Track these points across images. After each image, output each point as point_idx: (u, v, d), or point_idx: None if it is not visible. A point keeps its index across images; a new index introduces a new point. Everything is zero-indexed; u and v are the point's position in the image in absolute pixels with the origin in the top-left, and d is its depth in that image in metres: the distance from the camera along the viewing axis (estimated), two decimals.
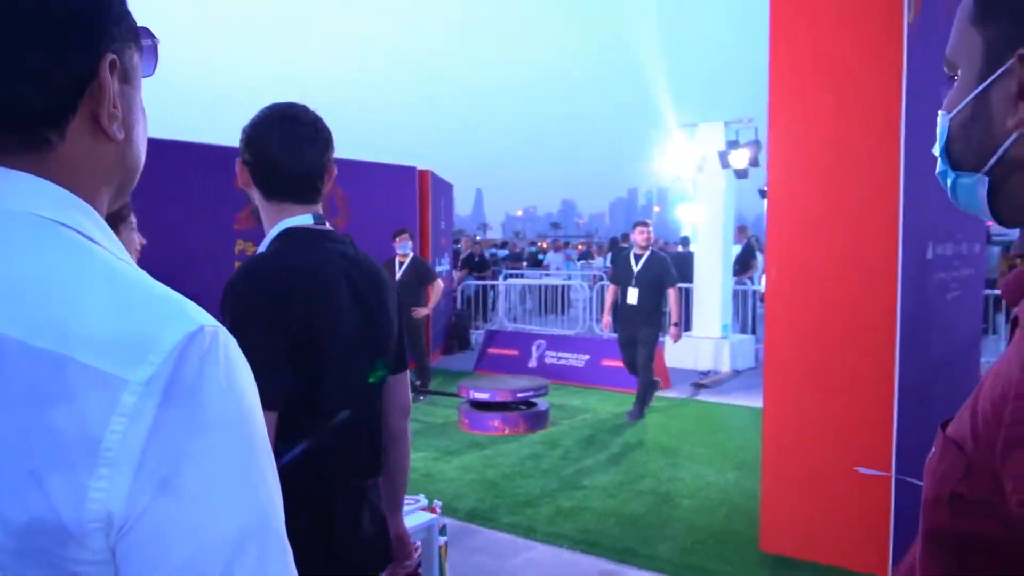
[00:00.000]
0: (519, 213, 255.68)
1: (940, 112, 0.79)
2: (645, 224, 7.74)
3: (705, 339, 10.38)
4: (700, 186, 10.84)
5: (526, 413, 7.18)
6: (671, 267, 7.55)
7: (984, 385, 0.67)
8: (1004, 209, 0.75)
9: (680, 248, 15.71)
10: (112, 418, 0.59)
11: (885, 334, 3.93)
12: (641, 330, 7.41)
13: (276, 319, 1.55)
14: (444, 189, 12.10)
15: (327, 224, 1.77)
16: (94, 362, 0.60)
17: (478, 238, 20.12)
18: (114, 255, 0.70)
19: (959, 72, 0.76)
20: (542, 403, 7.42)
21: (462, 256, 15.25)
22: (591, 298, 13.12)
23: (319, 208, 1.76)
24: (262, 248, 1.71)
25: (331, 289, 1.66)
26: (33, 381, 0.59)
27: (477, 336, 12.31)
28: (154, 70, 0.82)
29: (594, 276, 14.25)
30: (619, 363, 7.94)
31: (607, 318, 7.88)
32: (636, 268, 7.44)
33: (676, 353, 10.33)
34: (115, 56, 0.73)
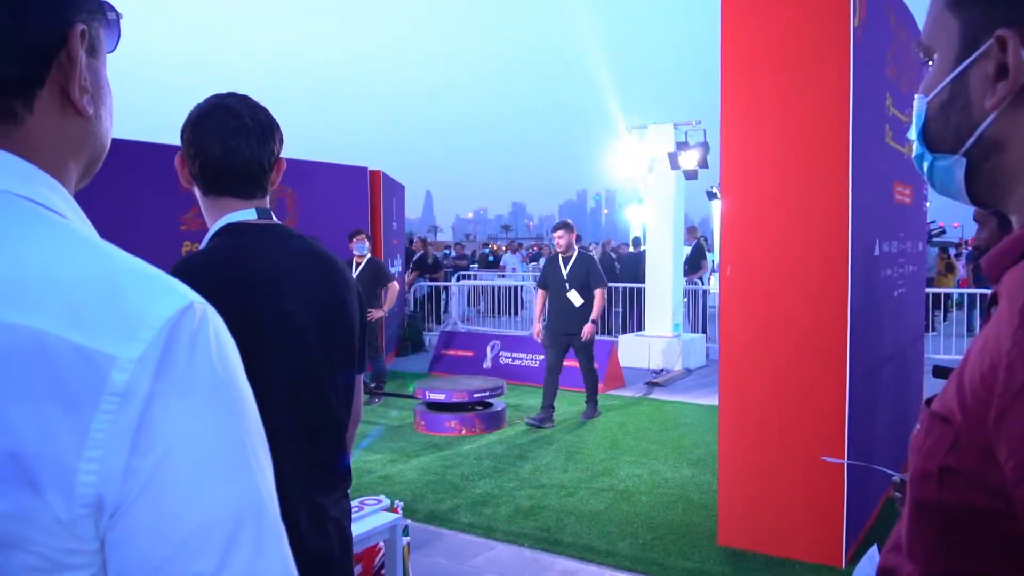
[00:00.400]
0: (470, 215, 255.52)
1: (916, 95, 0.81)
2: (564, 227, 7.65)
3: (657, 338, 10.50)
4: (650, 187, 10.97)
5: (482, 414, 7.17)
6: (598, 267, 7.57)
7: (969, 360, 0.69)
8: (983, 190, 0.77)
9: (631, 249, 15.89)
10: (102, 397, 0.56)
11: (837, 329, 4.03)
12: (576, 332, 7.37)
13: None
14: (396, 190, 12.02)
15: (273, 219, 1.67)
16: (79, 339, 0.57)
17: (429, 240, 20.05)
18: (88, 232, 0.67)
19: (935, 56, 0.78)
20: (498, 403, 7.42)
21: (415, 258, 15.17)
22: None
23: (265, 203, 1.67)
24: (202, 245, 1.64)
25: (274, 287, 1.59)
26: (9, 361, 0.56)
27: (431, 338, 12.25)
28: (116, 46, 0.78)
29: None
30: (575, 363, 7.95)
31: (538, 326, 7.70)
32: (566, 270, 7.41)
33: (630, 352, 10.43)
34: (84, 27, 0.70)
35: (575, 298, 7.36)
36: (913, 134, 0.81)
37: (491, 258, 22.70)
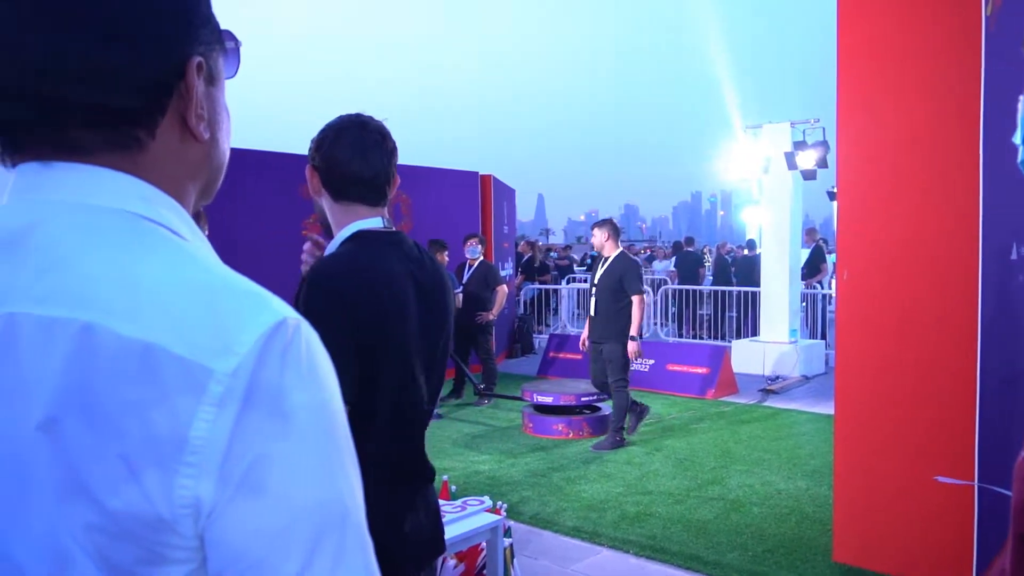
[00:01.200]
0: (581, 218, 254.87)
1: (1020, 97, 0.76)
2: (597, 225, 6.95)
3: (773, 344, 10.17)
4: (765, 188, 10.64)
5: (590, 417, 7.15)
6: (633, 271, 6.64)
7: None
8: None
9: (746, 251, 15.45)
10: (200, 407, 0.61)
11: (965, 338, 3.78)
12: (604, 343, 6.66)
13: (350, 319, 1.58)
14: (506, 194, 12.16)
15: (393, 227, 1.81)
16: (181, 351, 0.61)
17: (539, 243, 20.08)
18: (200, 250, 0.72)
19: None
20: (606, 408, 7.38)
21: (523, 261, 15.29)
22: (655, 302, 12.99)
23: (385, 212, 1.81)
24: (331, 248, 1.75)
25: (400, 293, 1.69)
26: (123, 368, 0.61)
27: (540, 340, 12.31)
28: (236, 72, 0.83)
29: (654, 281, 14.10)
30: (686, 367, 7.80)
31: (584, 333, 6.95)
32: (599, 273, 6.73)
33: (744, 358, 10.15)
34: (201, 59, 0.75)
35: (592, 305, 6.78)
36: (1018, 138, 0.76)
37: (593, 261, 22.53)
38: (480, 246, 8.44)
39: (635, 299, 6.54)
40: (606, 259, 6.74)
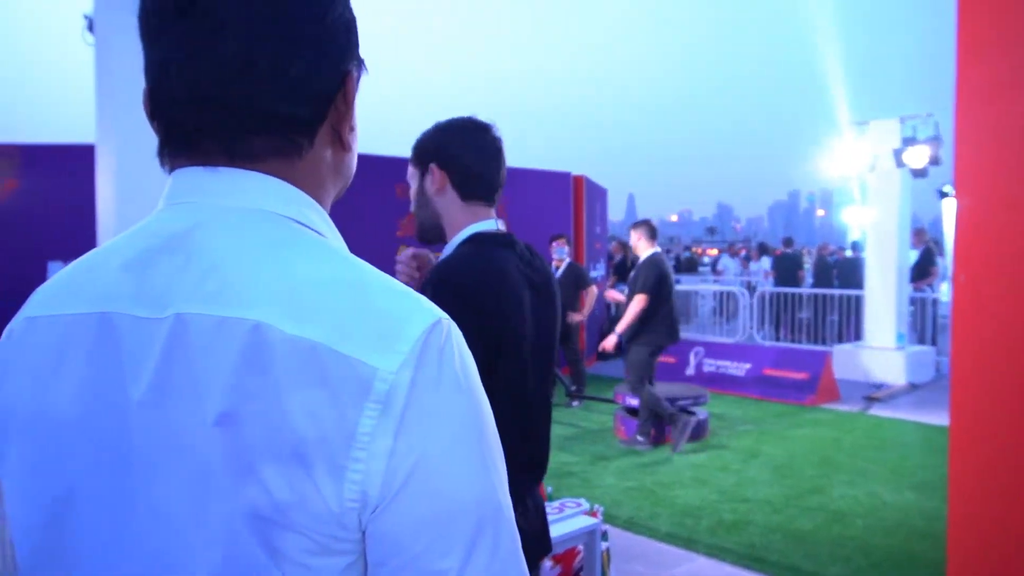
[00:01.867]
0: (673, 218, 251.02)
1: None
2: (635, 226, 6.90)
3: (878, 350, 9.75)
4: (871, 187, 10.21)
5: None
6: (648, 271, 6.52)
7: None
8: None
9: (849, 253, 14.88)
10: (366, 404, 0.63)
11: None
12: (630, 345, 6.58)
13: (476, 320, 1.60)
14: (598, 194, 12.09)
15: (505, 229, 1.83)
16: (346, 350, 0.63)
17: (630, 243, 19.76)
18: (349, 253, 0.74)
19: None
20: (701, 412, 7.23)
21: (614, 262, 15.16)
22: (752, 305, 12.66)
23: (494, 213, 1.83)
24: (449, 250, 1.77)
25: (519, 295, 1.70)
26: (292, 367, 0.63)
27: None
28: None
29: (748, 282, 13.73)
30: (784, 372, 7.58)
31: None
32: (631, 276, 6.70)
33: (846, 364, 9.77)
34: (355, 73, 0.79)
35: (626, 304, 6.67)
36: None
37: (701, 261, 22.09)
38: (567, 247, 8.41)
39: (637, 297, 6.48)
40: (638, 260, 6.75)
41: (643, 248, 6.71)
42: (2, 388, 0.76)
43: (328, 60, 0.75)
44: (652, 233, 6.84)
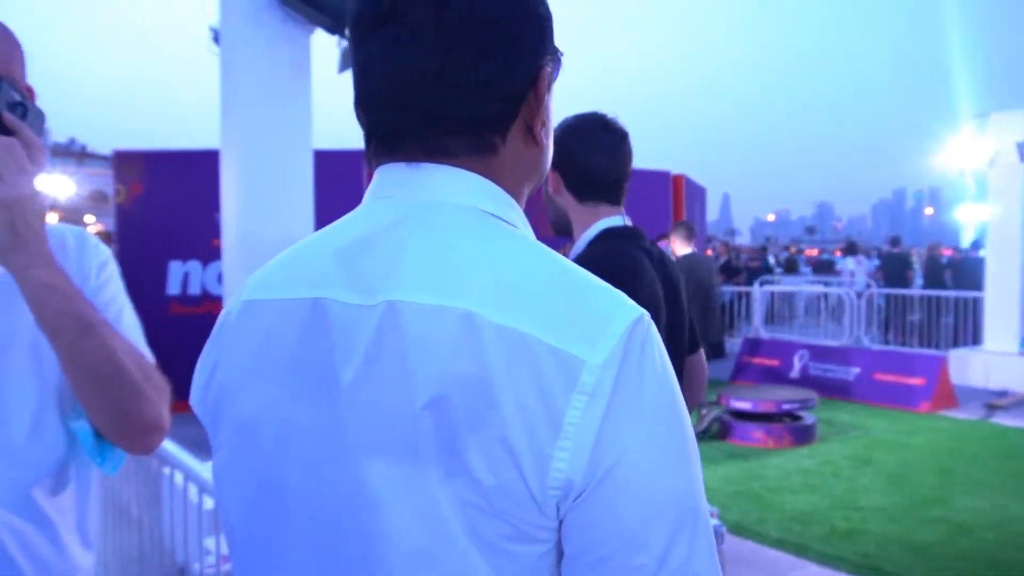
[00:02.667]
0: (770, 217, 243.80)
1: None
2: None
3: (998, 355, 9.22)
4: (991, 183, 9.67)
5: (791, 426, 6.82)
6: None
7: None
8: None
9: (970, 252, 14.12)
10: (574, 396, 0.64)
11: None
12: None
13: None
14: (697, 193, 11.90)
15: (631, 224, 1.83)
16: (555, 342, 0.65)
17: (733, 243, 19.36)
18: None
19: None
20: (808, 416, 7.01)
21: (721, 263, 14.85)
22: (859, 306, 12.18)
23: (622, 209, 1.82)
24: (580, 247, 1.78)
25: (654, 288, 1.72)
26: (501, 356, 0.65)
27: (731, 345, 11.91)
28: (555, 80, 0.86)
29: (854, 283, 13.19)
30: (896, 377, 7.26)
31: None
32: None
33: (963, 369, 9.29)
34: (548, 68, 0.80)
35: None
36: None
37: (797, 260, 21.39)
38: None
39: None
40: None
41: (678, 249, 6.84)
42: (219, 369, 0.81)
43: (520, 60, 0.77)
44: (687, 234, 7.04)
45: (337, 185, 6.34)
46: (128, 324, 1.21)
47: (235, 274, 4.07)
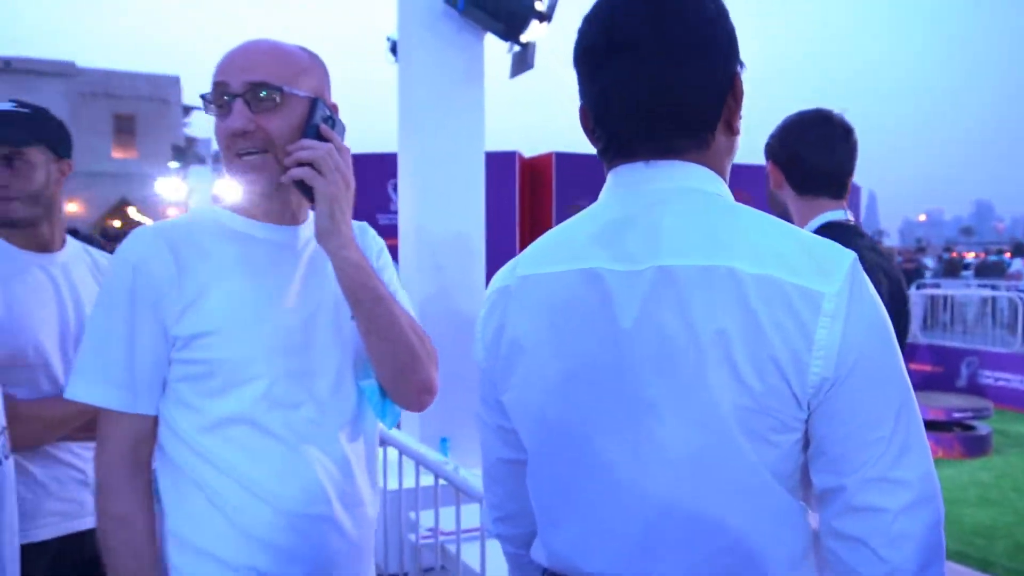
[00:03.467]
0: (920, 217, 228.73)
1: None
2: None
3: None
4: None
5: (963, 436, 6.45)
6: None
7: None
8: None
9: None
10: (819, 318, 0.85)
11: None
12: None
13: None
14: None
15: (853, 219, 1.84)
16: (800, 281, 0.86)
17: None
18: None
19: None
20: (982, 427, 6.60)
21: None
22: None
23: (845, 204, 1.82)
24: None
25: (879, 284, 1.72)
26: (763, 296, 0.86)
27: None
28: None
29: (1008, 287, 12.18)
30: None
31: None
32: None
33: None
34: (739, 69, 0.99)
35: None
36: None
37: (965, 263, 20.04)
38: None
39: None
40: None
41: None
42: (507, 327, 1.03)
43: (722, 69, 0.96)
44: None
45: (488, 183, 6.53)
46: (403, 300, 1.38)
47: (411, 265, 4.26)
